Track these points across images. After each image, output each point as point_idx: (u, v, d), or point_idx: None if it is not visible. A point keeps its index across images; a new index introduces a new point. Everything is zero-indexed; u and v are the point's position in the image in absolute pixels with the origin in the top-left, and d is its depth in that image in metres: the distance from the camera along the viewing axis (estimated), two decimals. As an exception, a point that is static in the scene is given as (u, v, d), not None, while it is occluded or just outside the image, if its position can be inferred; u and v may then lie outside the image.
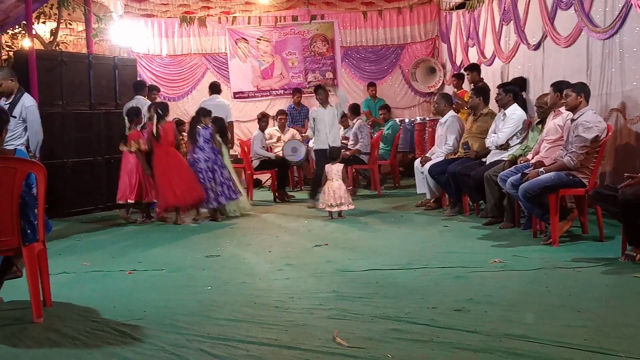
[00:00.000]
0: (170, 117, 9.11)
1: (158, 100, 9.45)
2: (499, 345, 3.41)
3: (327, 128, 9.28)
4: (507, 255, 5.64)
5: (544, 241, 6.05)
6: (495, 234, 6.68)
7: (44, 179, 4.43)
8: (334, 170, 8.28)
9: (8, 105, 6.86)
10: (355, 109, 11.32)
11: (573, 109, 6.02)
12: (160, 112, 8.30)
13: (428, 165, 8.38)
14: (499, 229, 6.89)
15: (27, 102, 6.97)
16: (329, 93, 9.56)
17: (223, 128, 9.12)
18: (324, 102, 9.33)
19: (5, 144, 6.35)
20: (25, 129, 6.96)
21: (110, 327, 4.08)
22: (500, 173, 6.74)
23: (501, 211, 7.11)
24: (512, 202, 6.84)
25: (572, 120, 6.03)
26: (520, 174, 6.31)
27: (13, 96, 6.92)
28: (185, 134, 9.21)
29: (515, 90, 7.72)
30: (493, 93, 8.24)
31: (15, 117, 6.83)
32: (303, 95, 13.19)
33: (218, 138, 8.70)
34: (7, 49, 12.00)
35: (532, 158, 6.61)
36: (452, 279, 4.99)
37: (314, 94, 9.77)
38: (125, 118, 8.87)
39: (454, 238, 6.70)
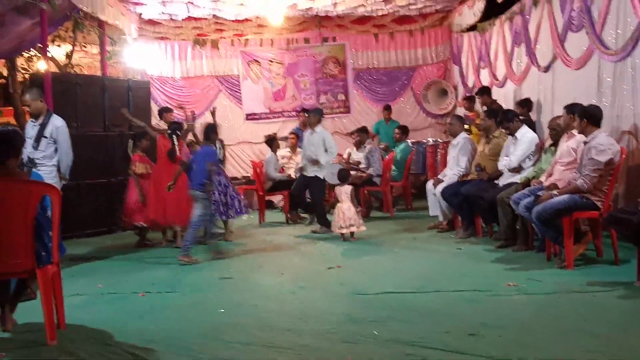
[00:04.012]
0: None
1: (173, 120, 9.47)
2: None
3: (304, 151, 9.31)
4: (521, 278, 5.60)
5: (558, 264, 6.01)
6: (508, 257, 6.64)
7: (59, 201, 4.46)
8: (343, 192, 8.28)
9: (38, 126, 6.93)
10: (365, 131, 11.32)
11: (567, 128, 6.05)
12: (178, 132, 8.37)
13: (440, 187, 8.36)
14: (513, 252, 6.85)
15: (58, 123, 7.00)
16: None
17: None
18: (312, 126, 9.29)
19: (38, 165, 6.50)
20: (56, 150, 6.97)
21: (123, 349, 4.09)
22: (514, 195, 6.72)
23: (514, 234, 7.07)
24: (526, 224, 6.80)
25: (585, 142, 6.01)
26: (533, 196, 6.29)
27: (43, 117, 6.97)
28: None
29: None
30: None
31: (46, 138, 6.90)
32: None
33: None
34: (23, 71, 12.15)
35: (545, 180, 6.59)
36: (465, 302, 4.96)
37: (322, 117, 9.69)
38: (130, 140, 8.94)
39: (467, 261, 6.67)
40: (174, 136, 8.32)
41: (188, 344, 4.15)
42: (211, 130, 7.86)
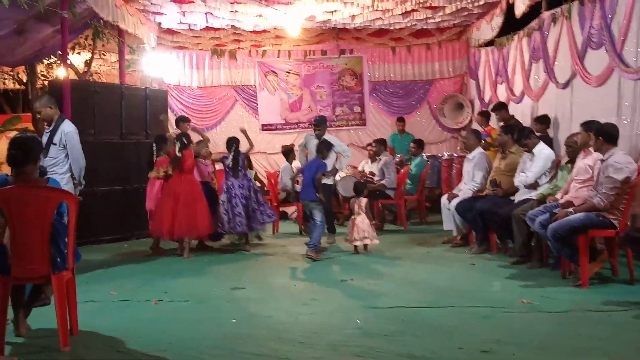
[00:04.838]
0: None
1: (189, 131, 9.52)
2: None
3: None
4: (535, 296, 5.56)
5: (573, 282, 5.96)
6: (523, 274, 6.59)
7: (76, 208, 4.50)
8: (358, 204, 8.29)
9: (49, 132, 6.95)
10: (383, 143, 11.34)
11: (584, 146, 6.02)
12: (184, 141, 8.40)
13: (455, 201, 8.33)
14: (527, 269, 6.80)
15: (66, 129, 6.95)
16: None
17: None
18: (319, 135, 9.25)
19: (49, 172, 6.50)
20: (67, 155, 6.93)
21: (135, 357, 4.10)
22: (529, 212, 6.68)
23: (529, 251, 7.03)
24: (541, 241, 6.76)
25: (602, 160, 5.98)
26: (549, 213, 6.25)
27: (54, 123, 6.97)
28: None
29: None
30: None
31: (55, 144, 6.89)
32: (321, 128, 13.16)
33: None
34: (43, 78, 12.28)
35: (561, 198, 6.55)
36: (479, 318, 4.93)
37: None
38: (154, 145, 8.95)
39: (481, 277, 6.63)
40: (178, 144, 8.33)
41: (200, 353, 4.15)
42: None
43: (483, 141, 9.15)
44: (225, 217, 8.48)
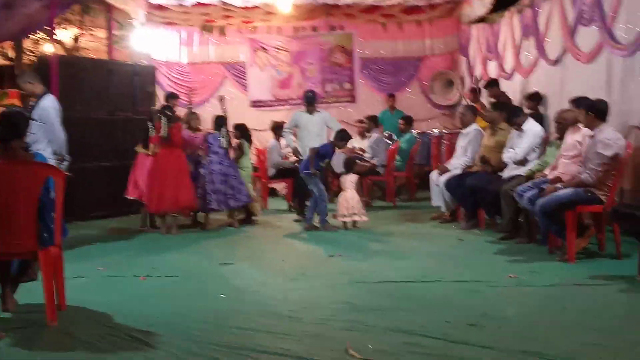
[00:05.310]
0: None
1: (178, 107, 9.45)
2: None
3: (311, 135, 9.05)
4: (522, 270, 5.59)
5: (560, 258, 6.00)
6: (510, 249, 6.63)
7: (63, 183, 4.47)
8: (349, 180, 8.29)
9: (31, 108, 6.87)
10: (374, 120, 11.32)
11: (573, 122, 6.04)
12: (169, 114, 8.35)
13: (444, 177, 8.34)
14: (515, 244, 6.84)
15: (44, 104, 6.80)
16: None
17: (245, 131, 9.26)
18: (311, 110, 9.13)
19: (32, 148, 6.39)
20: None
21: (123, 332, 4.10)
22: (518, 188, 6.70)
23: (517, 226, 7.06)
24: (529, 217, 6.79)
25: (591, 137, 5.99)
26: (537, 189, 6.27)
27: (37, 100, 6.92)
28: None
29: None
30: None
31: (35, 120, 6.78)
32: (317, 104, 13.12)
33: (238, 141, 8.96)
34: (30, 53, 12.15)
35: (550, 174, 6.57)
36: (466, 293, 4.96)
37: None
38: (149, 123, 8.87)
39: (469, 252, 6.66)
40: (164, 118, 8.26)
41: (189, 328, 4.16)
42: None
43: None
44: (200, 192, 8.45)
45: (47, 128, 6.75)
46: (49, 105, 6.82)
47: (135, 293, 5.23)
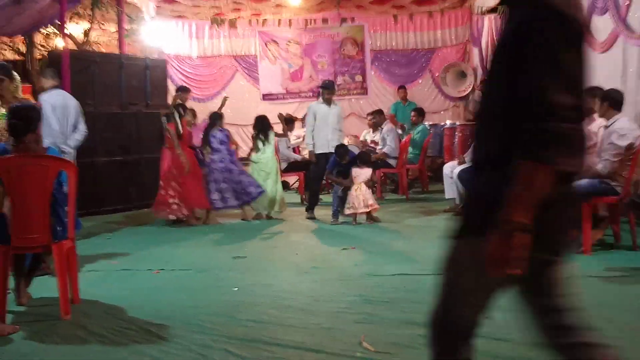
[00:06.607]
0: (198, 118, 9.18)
1: (189, 101, 9.48)
2: (528, 355, 3.35)
3: (328, 128, 8.78)
4: (537, 262, 5.54)
5: (575, 249, 5.94)
6: (524, 241, 6.56)
7: (75, 177, 4.48)
8: (363, 174, 8.24)
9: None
10: (381, 113, 11.27)
11: (588, 112, 5.94)
12: (182, 112, 8.37)
13: (458, 169, 8.29)
14: (529, 236, 6.78)
15: (41, 98, 7.10)
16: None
17: (265, 126, 9.21)
18: (329, 101, 8.87)
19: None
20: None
21: (137, 325, 4.10)
22: (532, 179, 6.62)
23: (531, 218, 7.00)
24: (543, 209, 6.72)
25: (606, 127, 5.93)
26: (552, 180, 6.20)
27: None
28: None
29: None
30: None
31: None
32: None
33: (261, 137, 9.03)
34: (42, 48, 12.18)
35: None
36: (480, 285, 4.92)
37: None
38: (164, 118, 8.88)
39: (483, 244, 6.60)
40: (177, 115, 8.29)
41: (202, 321, 4.16)
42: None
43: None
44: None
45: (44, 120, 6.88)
46: (45, 99, 6.98)
47: (148, 286, 5.24)
